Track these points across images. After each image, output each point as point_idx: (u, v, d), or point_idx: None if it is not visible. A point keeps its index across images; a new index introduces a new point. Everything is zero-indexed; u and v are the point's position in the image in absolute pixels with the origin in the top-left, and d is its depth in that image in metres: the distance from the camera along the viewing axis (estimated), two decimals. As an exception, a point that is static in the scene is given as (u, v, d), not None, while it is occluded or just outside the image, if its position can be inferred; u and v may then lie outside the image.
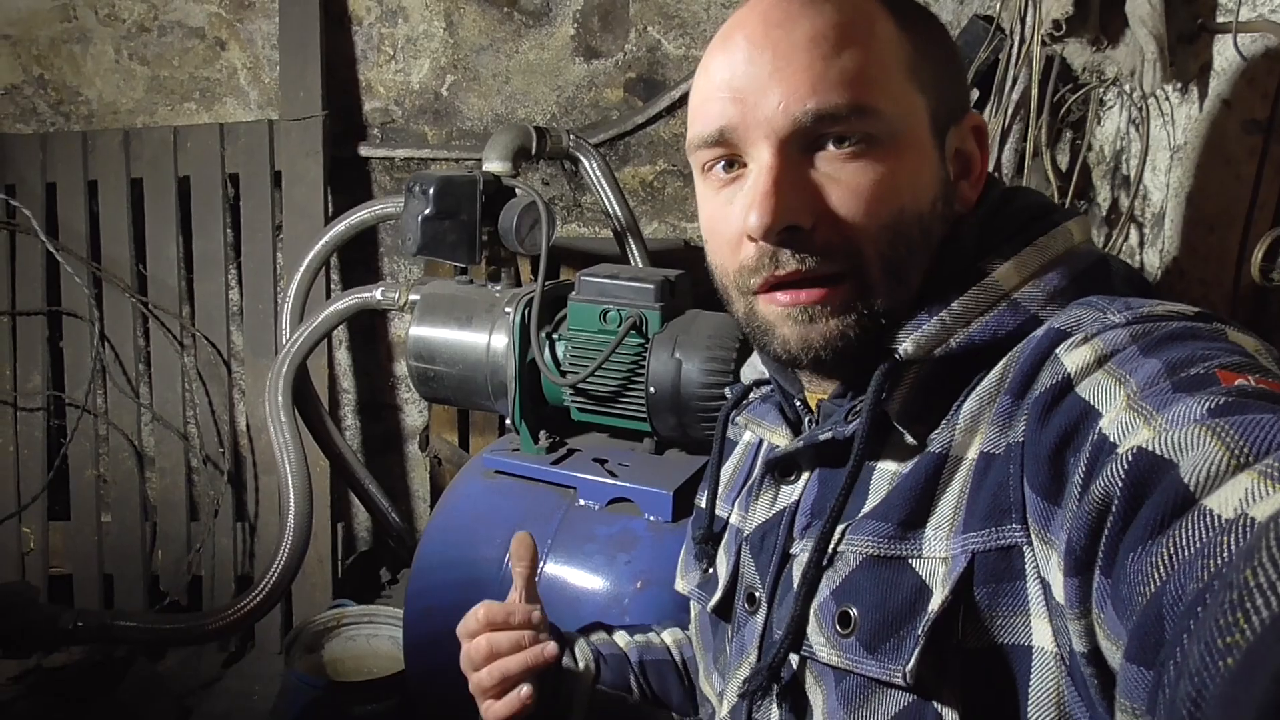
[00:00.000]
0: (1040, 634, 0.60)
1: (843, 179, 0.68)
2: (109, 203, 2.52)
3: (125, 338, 2.56)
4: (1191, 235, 1.04)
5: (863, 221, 0.67)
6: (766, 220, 0.66)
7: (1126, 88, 1.15)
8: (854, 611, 0.67)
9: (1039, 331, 0.65)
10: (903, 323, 0.70)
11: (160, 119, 2.59)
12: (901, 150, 0.68)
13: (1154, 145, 1.13)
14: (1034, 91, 1.22)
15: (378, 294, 1.85)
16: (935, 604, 0.62)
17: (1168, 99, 1.10)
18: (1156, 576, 0.43)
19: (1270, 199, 0.89)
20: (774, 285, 0.70)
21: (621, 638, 1.06)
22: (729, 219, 0.72)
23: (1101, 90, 1.21)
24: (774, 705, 0.74)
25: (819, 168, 0.68)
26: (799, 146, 0.68)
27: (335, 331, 2.49)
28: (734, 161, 0.72)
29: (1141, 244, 1.20)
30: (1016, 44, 1.26)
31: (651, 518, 1.44)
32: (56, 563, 2.59)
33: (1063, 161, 1.32)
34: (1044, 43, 1.18)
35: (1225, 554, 0.39)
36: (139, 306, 2.53)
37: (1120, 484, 0.49)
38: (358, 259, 2.61)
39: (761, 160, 0.69)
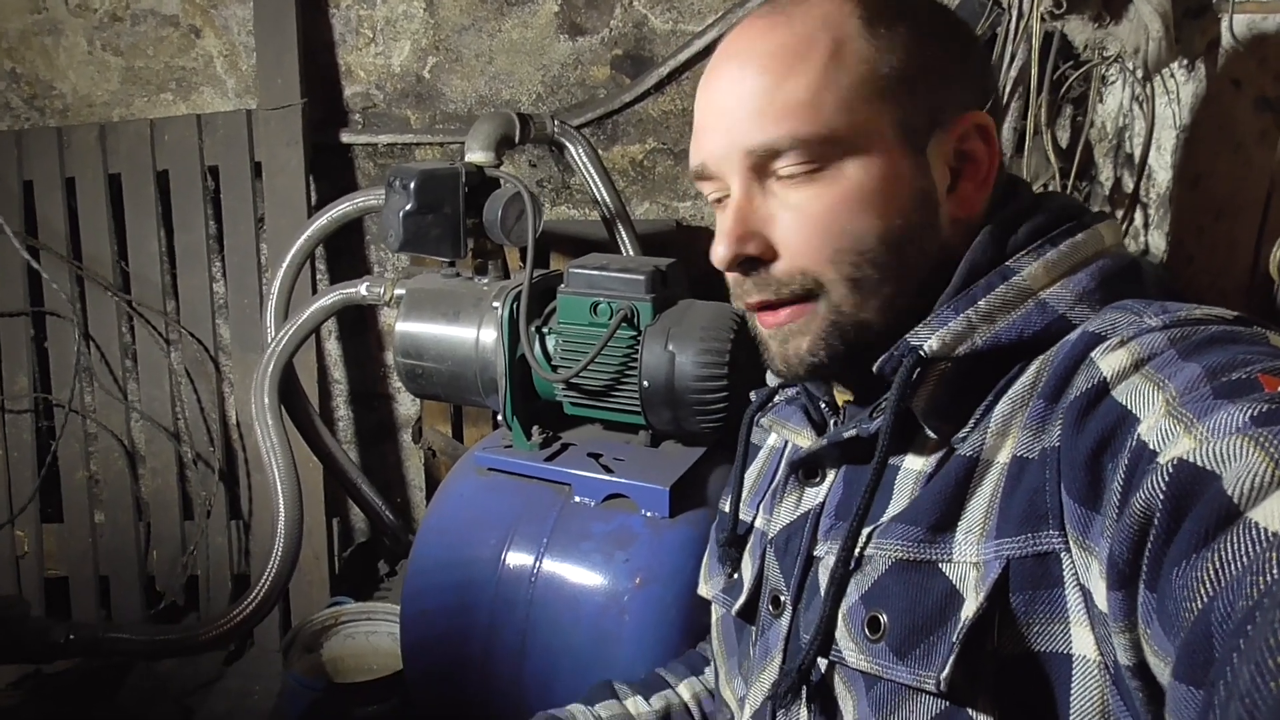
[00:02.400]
0: (1081, 642, 0.59)
1: (798, 204, 0.69)
2: (87, 199, 2.47)
3: (110, 336, 2.52)
4: (1199, 219, 1.01)
5: (816, 246, 0.69)
6: (724, 253, 0.71)
7: (1130, 65, 1.11)
8: (883, 617, 0.66)
9: (1073, 335, 0.64)
10: (915, 323, 0.69)
11: (137, 110, 2.53)
12: (858, 170, 0.68)
13: (1159, 124, 1.09)
14: (1034, 68, 1.18)
15: (363, 289, 1.81)
16: (970, 610, 0.61)
17: (1173, 77, 1.06)
18: (1203, 592, 0.43)
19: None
20: (752, 308, 0.74)
21: (636, 705, 1.03)
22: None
23: (1104, 68, 1.17)
24: (803, 709, 0.73)
25: (778, 194, 0.70)
26: (759, 176, 0.71)
27: (325, 322, 2.45)
28: (725, 196, 0.74)
29: (1146, 225, 1.16)
30: (1015, 19, 1.22)
31: (649, 514, 1.41)
32: (51, 566, 2.56)
33: (1063, 139, 1.29)
34: (1044, 19, 1.14)
35: (1274, 570, 0.39)
36: (122, 304, 2.49)
37: (1162, 496, 0.48)
38: (344, 248, 2.56)
39: (733, 191, 0.72)
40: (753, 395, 0.95)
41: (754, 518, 0.89)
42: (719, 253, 0.71)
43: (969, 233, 0.72)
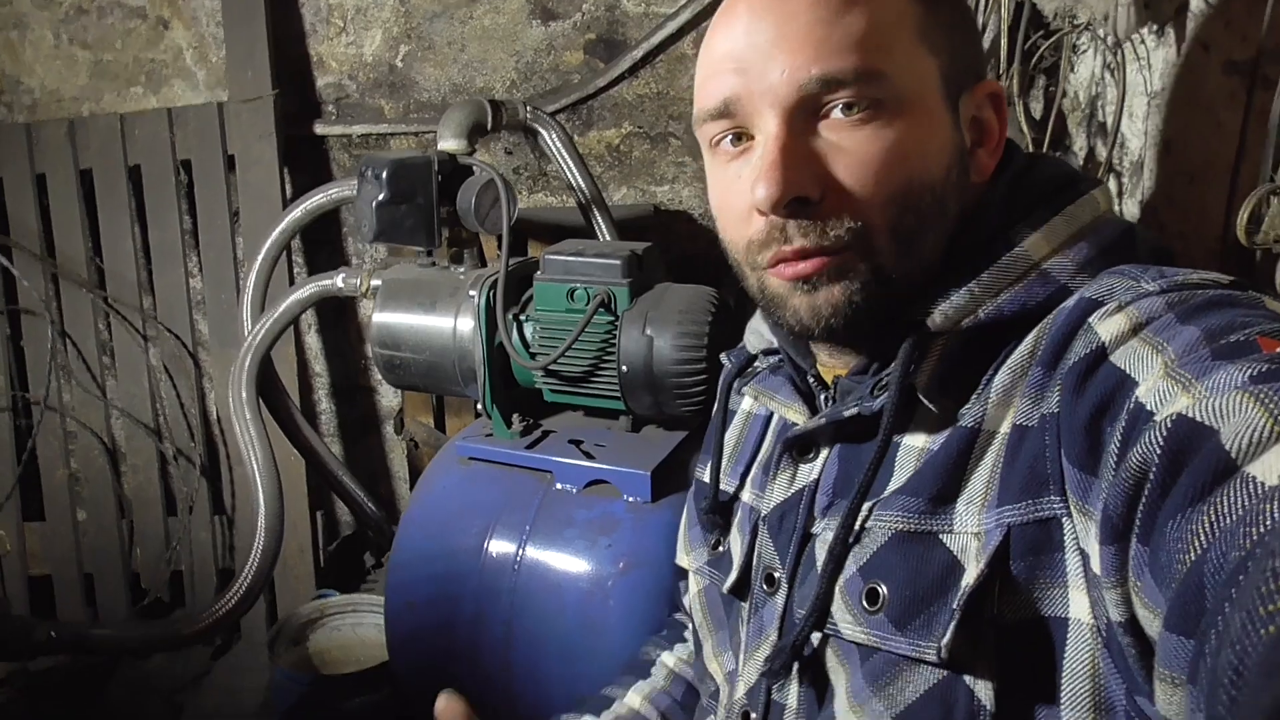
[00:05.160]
0: (1077, 605, 0.59)
1: (850, 147, 0.66)
2: (59, 196, 2.44)
3: (87, 333, 2.49)
4: (1171, 186, 1.00)
5: (871, 190, 0.66)
6: (774, 192, 0.65)
7: (1100, 32, 1.11)
8: (882, 588, 0.66)
9: (1070, 302, 0.64)
10: (922, 293, 0.68)
11: (107, 105, 2.50)
12: (911, 116, 0.67)
13: (1131, 91, 1.09)
14: (1004, 39, 1.17)
15: (339, 281, 1.79)
16: (970, 579, 0.61)
17: (1143, 43, 1.05)
18: (1197, 544, 0.43)
19: (1255, 151, 0.85)
20: (781, 259, 0.69)
21: None
22: (738, 193, 0.70)
23: (1074, 35, 1.16)
24: (794, 684, 0.73)
25: (826, 136, 0.67)
26: (805, 115, 0.67)
27: (304, 315, 2.43)
28: (741, 135, 0.70)
29: (1120, 193, 1.16)
30: (984, -10, 1.21)
31: (631, 499, 1.40)
32: (35, 565, 2.55)
33: (1037, 110, 1.28)
34: (1012, -12, 1.14)
35: (1268, 521, 0.39)
36: (98, 301, 2.46)
37: (1159, 451, 0.48)
38: (322, 240, 2.54)
39: (768, 131, 0.67)
40: (724, 358, 0.93)
41: (736, 488, 0.88)
42: (763, 192, 0.65)
43: (978, 199, 0.72)
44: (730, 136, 0.71)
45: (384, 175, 1.54)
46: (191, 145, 2.39)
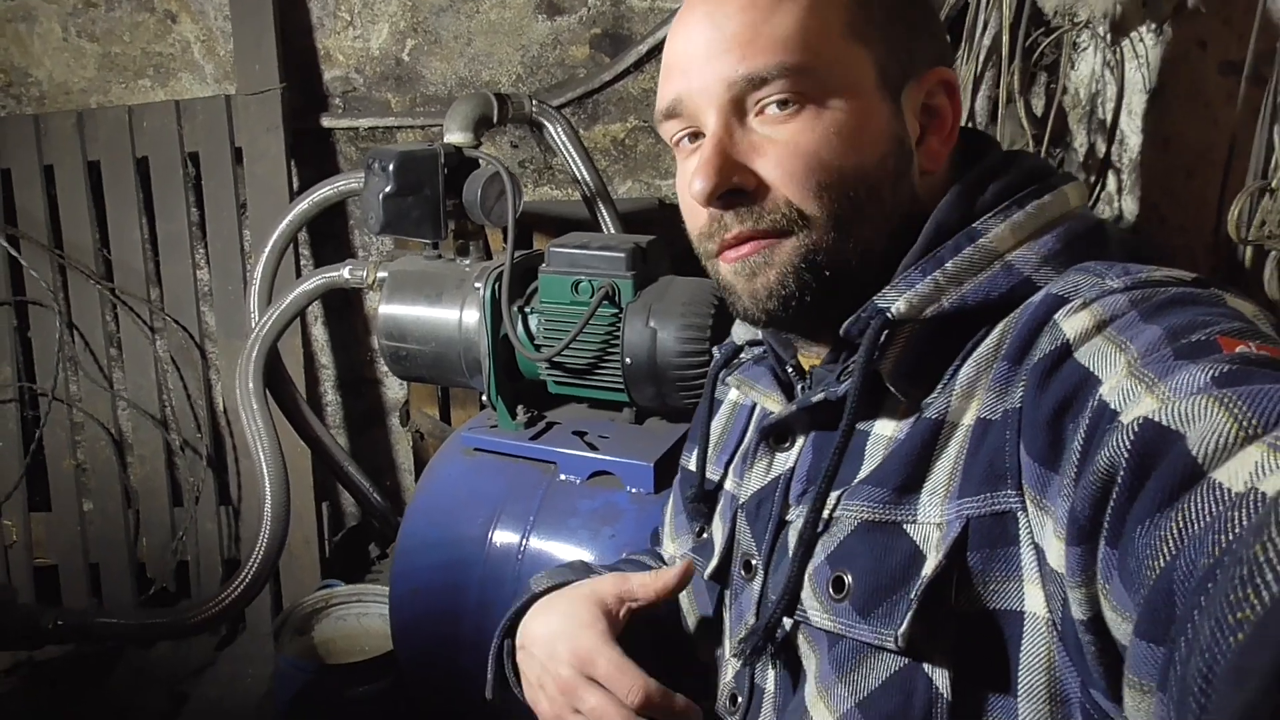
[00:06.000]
0: (1032, 599, 0.60)
1: (781, 139, 0.69)
2: (67, 187, 2.46)
3: (94, 324, 2.51)
4: (1170, 181, 1.01)
5: (801, 179, 0.69)
6: (706, 186, 0.69)
7: (1100, 30, 1.12)
8: (848, 576, 0.67)
9: (1036, 297, 0.64)
10: (876, 279, 0.70)
11: (114, 98, 2.51)
12: (841, 107, 0.69)
13: (1130, 88, 1.10)
14: (1005, 36, 1.18)
15: (345, 272, 1.81)
16: (929, 569, 0.62)
17: (1142, 40, 1.06)
18: (1166, 551, 0.43)
19: (1247, 146, 0.86)
20: (725, 247, 0.73)
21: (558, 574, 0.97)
22: (689, 188, 0.73)
23: (1074, 33, 1.17)
24: (769, 668, 0.75)
25: (760, 130, 0.70)
26: (739, 111, 0.70)
27: (310, 307, 2.45)
28: (696, 133, 0.74)
29: (1120, 190, 1.17)
30: (986, -13, 1.22)
31: (634, 490, 1.42)
32: (41, 554, 2.57)
33: (1037, 107, 1.29)
34: (1014, -14, 1.14)
35: (1236, 528, 0.39)
36: (106, 292, 2.48)
37: (1126, 454, 0.48)
38: (328, 233, 2.55)
39: (709, 127, 0.71)
40: (716, 351, 0.95)
41: (721, 477, 0.89)
42: (699, 186, 0.70)
43: (933, 188, 0.73)
44: (687, 135, 0.75)
45: (391, 167, 1.56)
46: (199, 137, 2.40)
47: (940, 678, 0.62)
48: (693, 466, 0.92)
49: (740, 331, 0.92)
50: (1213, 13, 0.91)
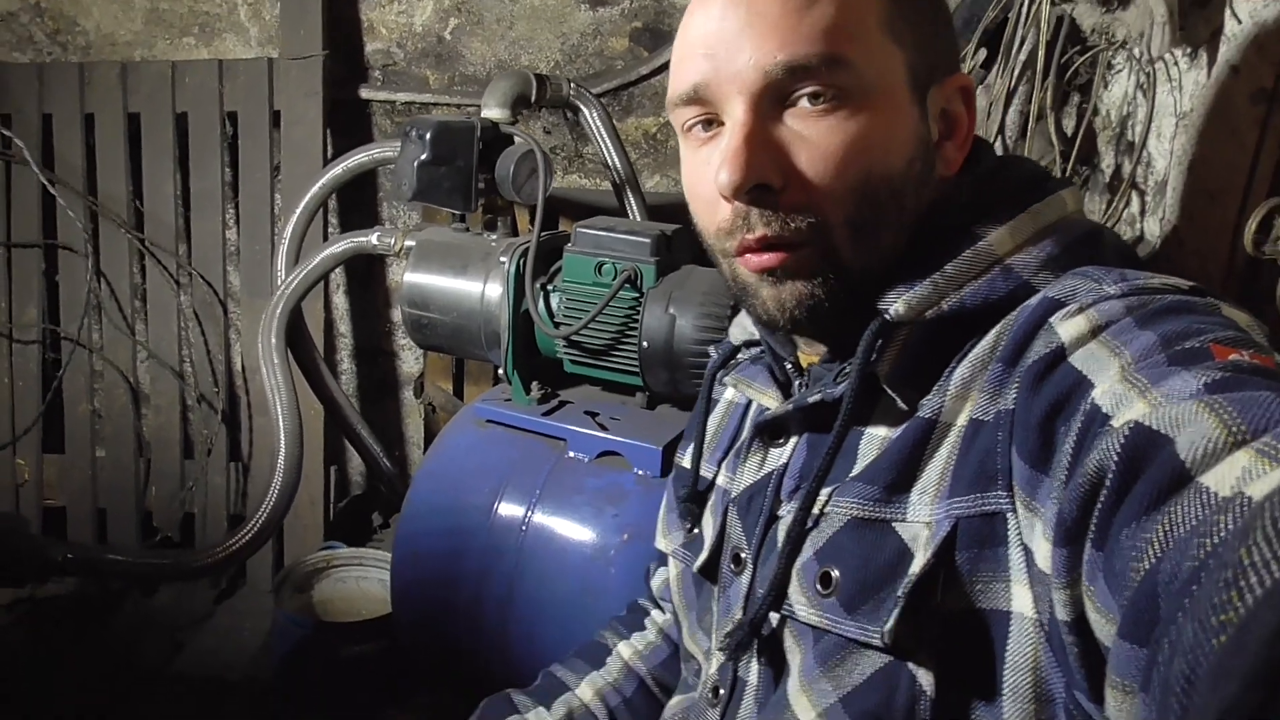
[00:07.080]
0: (1020, 600, 0.60)
1: (813, 138, 0.67)
2: (106, 137, 2.49)
3: (121, 273, 2.55)
4: (1193, 205, 1.03)
5: (829, 183, 0.67)
6: (736, 178, 0.66)
7: (1135, 51, 1.13)
8: (835, 572, 0.67)
9: (1033, 300, 0.65)
10: (888, 283, 0.69)
11: (159, 52, 2.55)
12: (875, 106, 0.68)
13: (1160, 111, 1.11)
14: (1041, 53, 1.20)
15: (373, 239, 1.83)
16: (916, 567, 0.63)
17: (1176, 64, 1.07)
18: (1151, 553, 0.44)
19: (1269, 169, 0.87)
20: (746, 249, 0.70)
21: (539, 717, 0.99)
22: (706, 179, 0.71)
23: (1110, 53, 1.19)
24: (754, 661, 0.75)
25: (791, 125, 0.68)
26: (771, 102, 0.67)
27: (333, 275, 2.48)
28: (712, 121, 0.71)
29: (1143, 212, 1.18)
30: (1026, 3, 1.23)
31: (640, 472, 1.44)
32: (50, 495, 2.60)
33: (1068, 125, 1.30)
34: (1053, 2, 1.16)
35: (1221, 532, 0.39)
36: (135, 243, 2.52)
37: (1115, 457, 0.49)
38: (356, 202, 2.59)
39: (735, 117, 0.68)
40: (713, 351, 0.95)
41: (715, 475, 0.90)
42: (726, 178, 0.66)
43: (944, 193, 0.73)
44: (701, 122, 0.72)
45: (428, 136, 1.58)
46: (239, 98, 2.43)
47: (924, 675, 0.63)
48: (687, 464, 0.93)
49: (737, 332, 0.93)
50: (1249, 40, 0.92)
